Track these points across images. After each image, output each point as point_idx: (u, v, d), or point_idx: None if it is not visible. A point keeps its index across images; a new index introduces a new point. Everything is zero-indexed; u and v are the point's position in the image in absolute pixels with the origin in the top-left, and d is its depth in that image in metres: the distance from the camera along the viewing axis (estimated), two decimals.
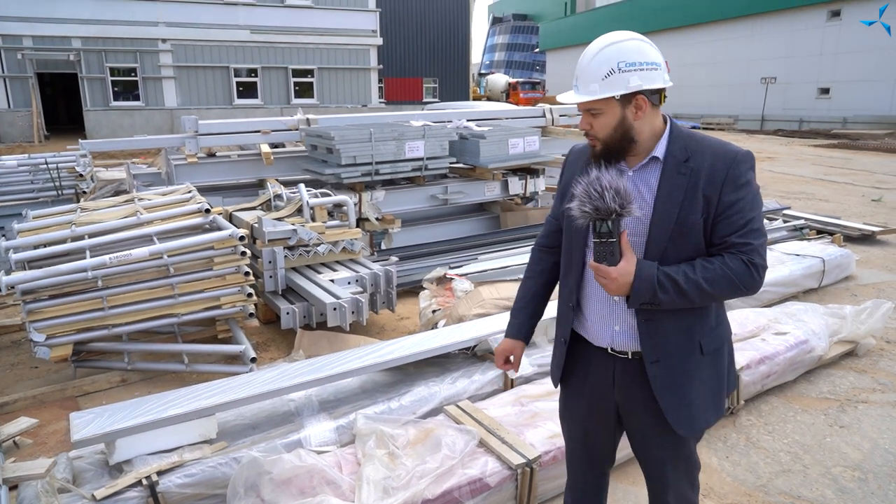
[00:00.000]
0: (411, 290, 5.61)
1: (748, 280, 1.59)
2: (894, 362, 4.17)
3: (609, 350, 1.80)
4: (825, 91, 24.55)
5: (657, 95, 1.65)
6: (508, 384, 3.42)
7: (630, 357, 1.76)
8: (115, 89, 20.96)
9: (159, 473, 2.48)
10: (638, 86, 1.60)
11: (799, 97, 25.14)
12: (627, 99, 1.62)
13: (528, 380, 3.45)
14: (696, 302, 1.62)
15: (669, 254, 1.64)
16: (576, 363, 1.91)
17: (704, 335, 1.72)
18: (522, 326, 2.01)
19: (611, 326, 1.77)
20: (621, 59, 1.61)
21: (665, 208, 1.63)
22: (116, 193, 8.46)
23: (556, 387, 2.01)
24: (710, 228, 1.63)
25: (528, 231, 6.95)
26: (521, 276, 5.37)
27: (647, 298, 1.59)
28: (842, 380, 3.90)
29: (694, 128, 27.51)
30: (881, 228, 7.49)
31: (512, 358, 2.02)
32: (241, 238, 4.00)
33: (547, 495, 2.74)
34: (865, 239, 7.35)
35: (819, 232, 7.28)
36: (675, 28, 31.84)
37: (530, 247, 6.96)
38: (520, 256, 5.76)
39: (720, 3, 28.79)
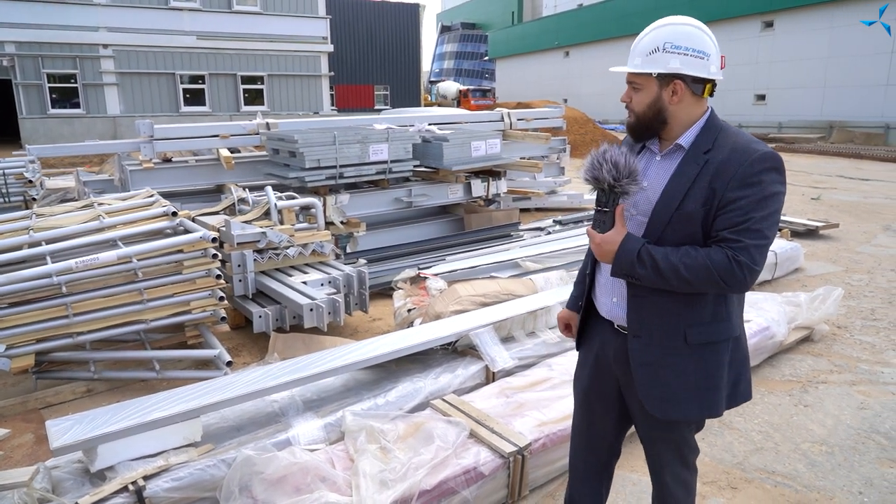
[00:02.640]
0: (380, 292, 5.60)
1: (728, 276, 1.58)
2: (847, 345, 4.41)
3: (615, 325, 1.87)
4: (761, 97, 25.74)
5: (700, 85, 1.69)
6: (490, 377, 3.46)
7: (626, 334, 1.83)
8: (53, 96, 20.09)
9: (145, 478, 2.41)
10: (676, 69, 1.66)
11: (737, 103, 26.25)
12: (666, 81, 1.68)
13: (509, 373, 3.49)
14: (674, 285, 1.64)
15: (666, 238, 1.69)
16: (589, 331, 2.01)
17: (692, 325, 1.72)
18: (577, 299, 2.10)
19: (610, 297, 1.87)
20: (668, 41, 1.67)
21: (669, 194, 1.69)
22: (62, 202, 8.13)
23: (577, 349, 2.09)
24: (710, 221, 1.65)
25: (493, 232, 7.03)
26: (493, 274, 5.39)
27: (626, 270, 1.69)
28: (801, 363, 4.10)
29: None
30: (823, 224, 7.93)
31: (572, 325, 2.13)
32: (214, 240, 3.92)
33: (537, 482, 2.78)
34: (810, 234, 7.75)
35: None
36: (619, 37, 32.81)
37: (496, 247, 6.94)
38: (487, 256, 5.81)
39: (660, 14, 29.69)
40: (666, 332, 1.74)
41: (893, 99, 21.14)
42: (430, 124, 7.89)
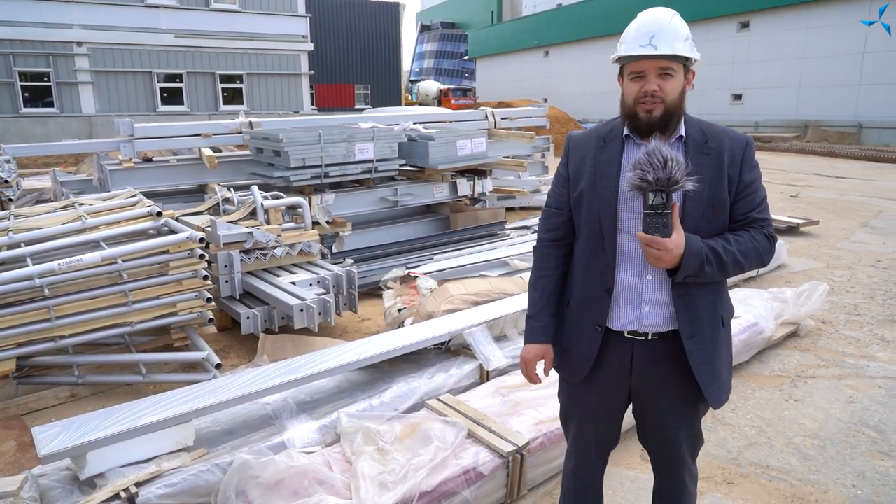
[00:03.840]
0: (368, 292, 5.55)
1: (768, 252, 1.70)
2: (832, 340, 4.47)
3: (626, 333, 1.77)
4: (738, 97, 26.09)
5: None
6: (485, 377, 3.44)
7: (649, 338, 1.75)
8: (26, 95, 19.63)
9: (138, 485, 2.34)
10: (698, 57, 1.69)
11: (714, 103, 26.59)
12: (687, 68, 1.69)
13: (503, 371, 3.48)
14: (731, 274, 1.69)
15: (702, 230, 1.66)
16: (602, 356, 1.82)
17: (724, 308, 1.80)
18: (549, 328, 1.89)
19: (639, 307, 1.74)
20: (686, 30, 1.68)
21: (698, 187, 1.63)
22: (37, 203, 7.94)
23: (579, 378, 1.87)
24: (730, 206, 1.71)
25: (479, 231, 7.02)
26: (483, 273, 5.38)
27: (694, 271, 1.61)
28: (789, 358, 4.15)
29: None
30: (804, 221, 8.05)
31: (543, 363, 1.93)
32: (201, 240, 3.84)
33: (535, 481, 2.77)
34: (791, 231, 7.87)
35: None
36: (598, 37, 33.05)
37: (482, 246, 6.91)
38: (475, 255, 5.80)
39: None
40: (711, 325, 1.75)
41: (866, 98, 21.58)
42: (415, 123, 7.85)
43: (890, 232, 8.12)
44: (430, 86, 40.73)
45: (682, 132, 1.72)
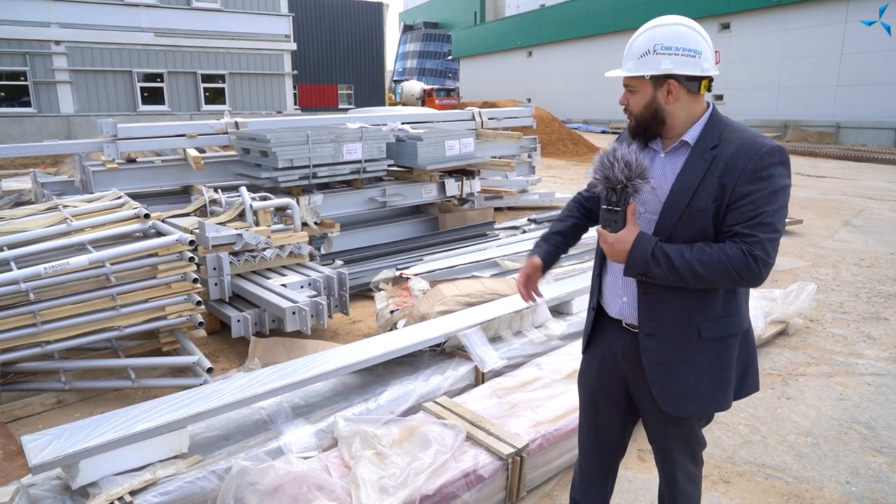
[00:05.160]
0: (358, 293, 5.51)
1: (744, 270, 1.58)
2: (820, 338, 4.53)
3: (623, 324, 1.86)
4: (719, 97, 26.37)
5: (695, 83, 1.68)
6: (480, 378, 3.42)
7: (636, 332, 1.82)
8: (2, 94, 19.24)
9: (132, 493, 2.29)
10: (668, 69, 1.65)
11: None
12: (660, 81, 1.68)
13: (498, 373, 3.47)
14: (690, 282, 1.63)
15: (677, 235, 1.68)
16: (596, 333, 1.99)
17: (705, 321, 1.72)
18: (542, 248, 2.05)
19: (620, 297, 1.85)
20: (658, 42, 1.66)
21: (679, 191, 1.68)
22: (17, 205, 7.77)
23: (583, 353, 2.06)
24: (721, 216, 1.65)
25: (469, 231, 7.01)
26: (475, 273, 5.37)
27: (640, 269, 1.66)
28: (779, 356, 4.19)
29: (603, 132, 28.79)
30: (788, 220, 8.15)
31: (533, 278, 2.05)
32: (191, 243, 3.78)
33: (534, 482, 2.76)
34: None
35: None
36: (581, 38, 33.25)
37: (472, 246, 6.93)
38: (465, 256, 5.79)
39: (621, 15, 30.39)
40: (679, 329, 1.73)
41: (843, 99, 21.96)
42: (403, 123, 7.82)
43: (871, 230, 8.26)
44: (414, 86, 40.71)
45: (690, 138, 1.72)
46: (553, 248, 2.06)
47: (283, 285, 4.34)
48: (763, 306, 4.47)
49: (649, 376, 1.78)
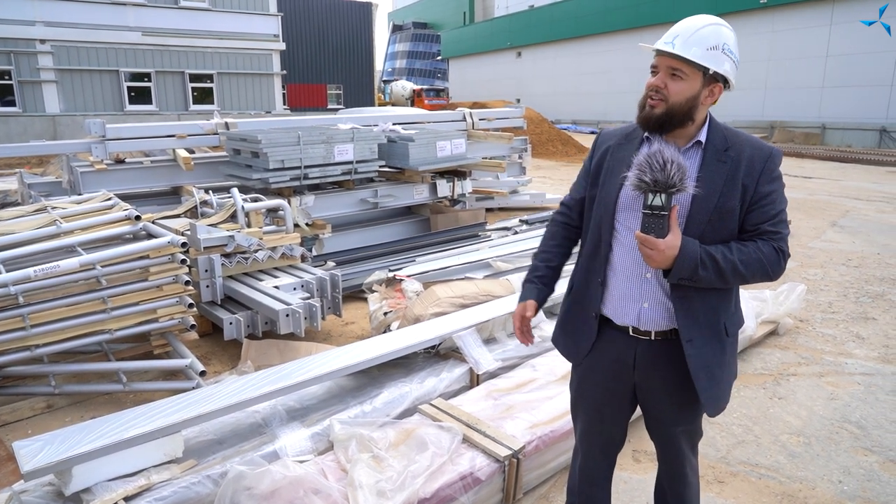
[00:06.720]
0: (350, 295, 5.50)
1: (776, 266, 1.67)
2: (810, 338, 4.57)
3: (630, 332, 1.82)
4: None
5: (722, 92, 1.72)
6: (475, 380, 3.42)
7: (652, 338, 1.79)
8: None
9: (126, 499, 2.27)
10: (726, 72, 1.67)
11: None
12: (709, 80, 1.67)
13: (493, 374, 3.47)
14: (730, 282, 1.68)
15: (706, 236, 1.68)
16: (598, 342, 1.90)
17: (728, 317, 1.78)
18: (534, 290, 2.01)
19: (638, 303, 1.78)
20: (727, 42, 1.67)
21: (707, 192, 1.67)
22: (3, 206, 7.67)
23: (577, 364, 1.99)
24: (742, 216, 1.69)
25: (460, 232, 7.01)
26: (468, 275, 5.36)
27: (687, 274, 1.63)
28: (770, 356, 4.23)
29: (592, 132, 28.87)
30: None
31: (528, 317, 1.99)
32: (183, 245, 3.75)
33: (531, 484, 2.76)
34: None
35: None
36: (570, 38, 33.36)
37: (465, 247, 6.88)
38: (457, 257, 5.78)
39: (609, 16, 30.51)
40: (713, 330, 1.75)
41: (829, 100, 22.21)
42: (394, 124, 7.81)
43: (858, 231, 8.35)
44: (404, 86, 40.64)
45: (702, 138, 1.73)
46: (546, 289, 2.03)
47: (276, 287, 4.32)
48: (754, 307, 4.51)
49: (698, 383, 1.73)
